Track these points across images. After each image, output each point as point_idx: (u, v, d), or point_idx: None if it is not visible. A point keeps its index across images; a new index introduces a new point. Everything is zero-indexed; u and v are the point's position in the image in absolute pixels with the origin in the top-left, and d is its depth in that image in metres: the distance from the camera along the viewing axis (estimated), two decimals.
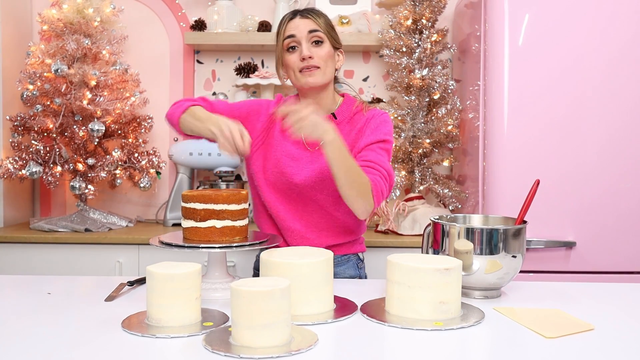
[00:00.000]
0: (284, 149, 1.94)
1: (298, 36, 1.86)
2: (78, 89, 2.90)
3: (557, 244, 2.61)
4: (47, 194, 3.35)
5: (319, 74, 1.87)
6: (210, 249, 1.59)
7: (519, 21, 2.60)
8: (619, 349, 1.26)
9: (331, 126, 1.69)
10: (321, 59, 1.87)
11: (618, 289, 1.76)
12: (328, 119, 1.89)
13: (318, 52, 1.87)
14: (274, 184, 1.93)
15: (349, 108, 1.97)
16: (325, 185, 1.89)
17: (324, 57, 1.87)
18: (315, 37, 1.87)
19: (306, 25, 1.87)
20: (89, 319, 1.41)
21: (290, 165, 1.91)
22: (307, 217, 1.94)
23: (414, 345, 1.26)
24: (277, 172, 1.92)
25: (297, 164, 1.91)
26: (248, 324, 1.19)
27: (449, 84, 2.99)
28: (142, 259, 2.77)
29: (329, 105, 1.96)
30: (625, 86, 2.60)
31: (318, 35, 1.87)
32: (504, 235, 1.57)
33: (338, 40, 1.94)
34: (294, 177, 1.90)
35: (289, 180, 1.91)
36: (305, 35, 1.86)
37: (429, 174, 3.05)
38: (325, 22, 1.90)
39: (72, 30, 2.95)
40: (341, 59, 1.97)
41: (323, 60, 1.87)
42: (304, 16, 1.88)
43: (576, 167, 2.60)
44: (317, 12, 1.91)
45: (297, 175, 1.90)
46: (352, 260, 2.01)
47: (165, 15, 3.34)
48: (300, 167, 1.91)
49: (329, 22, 1.92)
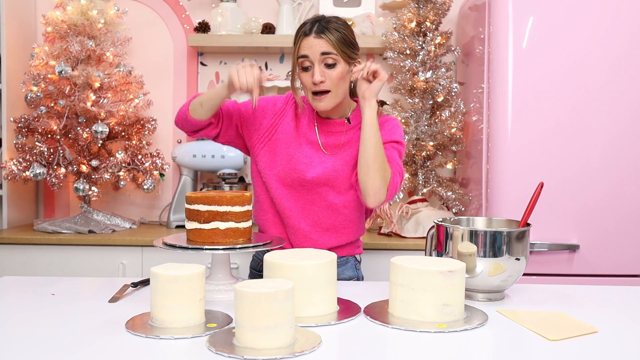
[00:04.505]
0: (298, 146, 1.95)
1: (311, 57, 1.86)
2: (82, 91, 2.91)
3: (560, 246, 2.60)
4: (51, 196, 3.35)
5: (330, 99, 1.88)
6: (214, 250, 1.59)
7: (523, 24, 2.60)
8: (622, 352, 1.26)
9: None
10: (333, 82, 1.86)
11: (621, 292, 1.76)
12: (342, 123, 1.96)
13: (330, 74, 1.86)
14: (284, 179, 1.95)
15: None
16: (336, 183, 1.92)
17: (336, 80, 1.87)
18: (327, 60, 1.86)
19: (320, 46, 1.85)
20: (93, 320, 1.42)
21: (303, 162, 1.93)
22: (313, 216, 1.95)
23: (417, 347, 1.26)
24: (289, 168, 1.93)
25: (311, 161, 1.93)
26: (252, 325, 1.19)
27: (452, 86, 2.99)
28: (146, 260, 2.77)
29: (343, 111, 1.98)
30: (628, 89, 2.60)
31: (331, 57, 1.85)
32: (507, 237, 1.57)
33: (353, 54, 1.90)
34: (306, 174, 1.92)
35: (300, 176, 1.93)
36: (318, 57, 1.85)
37: (432, 176, 3.04)
38: (339, 40, 1.85)
39: (76, 32, 2.95)
40: (358, 68, 1.92)
41: (334, 83, 1.87)
42: (318, 36, 1.85)
43: (580, 170, 2.60)
44: (331, 28, 1.86)
45: (309, 171, 1.92)
46: (351, 262, 2.04)
47: (169, 17, 3.35)
48: (313, 165, 1.93)
49: (345, 37, 1.88)
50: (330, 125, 1.97)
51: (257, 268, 2.07)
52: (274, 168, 1.96)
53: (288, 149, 1.95)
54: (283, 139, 1.96)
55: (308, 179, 1.92)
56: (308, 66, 1.88)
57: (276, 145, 1.97)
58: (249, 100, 2.00)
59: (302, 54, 1.87)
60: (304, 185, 1.94)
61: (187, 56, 3.35)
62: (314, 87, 1.87)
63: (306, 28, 1.88)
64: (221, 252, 1.61)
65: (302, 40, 1.88)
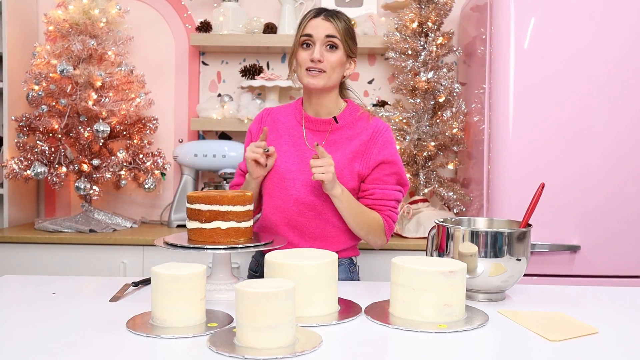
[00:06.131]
0: (280, 147, 1.96)
1: (315, 37, 1.88)
2: (83, 90, 2.91)
3: (561, 247, 2.60)
4: (52, 195, 3.36)
5: (323, 78, 1.89)
6: (215, 250, 1.59)
7: (525, 24, 2.60)
8: (623, 353, 1.26)
9: (338, 182, 1.84)
10: (330, 65, 1.89)
11: (622, 293, 1.76)
12: (329, 122, 1.95)
13: (329, 57, 1.89)
14: (270, 192, 1.95)
15: (351, 114, 1.99)
16: (322, 191, 1.89)
17: (334, 64, 1.89)
18: (330, 42, 1.88)
19: (325, 28, 1.88)
20: (94, 319, 1.42)
21: (291, 171, 1.92)
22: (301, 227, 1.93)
23: (418, 347, 1.26)
24: (277, 179, 1.93)
25: (293, 161, 1.93)
26: (252, 325, 1.19)
27: (454, 86, 2.99)
28: (147, 259, 2.77)
29: (330, 108, 1.98)
30: (630, 89, 2.60)
31: (334, 40, 1.88)
32: (508, 238, 1.57)
33: (353, 50, 1.95)
34: (295, 182, 1.91)
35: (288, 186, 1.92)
36: (322, 38, 1.88)
37: (433, 176, 3.04)
38: (344, 29, 1.91)
39: (77, 31, 2.95)
40: (352, 67, 1.98)
41: (332, 66, 1.89)
42: (326, 18, 1.89)
43: (581, 171, 2.60)
44: (340, 17, 1.92)
45: (297, 180, 1.91)
46: (345, 264, 2.00)
47: (171, 17, 3.35)
48: (299, 173, 1.92)
49: (350, 30, 1.93)
50: (317, 123, 1.97)
51: (254, 269, 2.07)
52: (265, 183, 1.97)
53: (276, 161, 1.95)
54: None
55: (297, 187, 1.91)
56: (309, 44, 1.89)
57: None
58: (246, 142, 2.08)
59: (306, 32, 1.90)
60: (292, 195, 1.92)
61: (189, 56, 3.35)
62: (311, 63, 1.88)
63: (314, 12, 1.92)
64: (222, 251, 1.61)
65: (308, 21, 1.91)
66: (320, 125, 1.96)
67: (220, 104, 3.18)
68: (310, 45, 1.89)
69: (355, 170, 1.91)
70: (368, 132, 1.94)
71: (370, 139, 1.93)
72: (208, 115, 3.16)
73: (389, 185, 1.94)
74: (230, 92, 3.35)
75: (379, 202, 1.93)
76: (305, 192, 1.91)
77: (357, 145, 1.92)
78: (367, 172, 1.93)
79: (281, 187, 1.92)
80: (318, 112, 1.98)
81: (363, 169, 1.92)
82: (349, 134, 1.94)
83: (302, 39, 1.90)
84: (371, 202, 1.93)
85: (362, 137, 1.93)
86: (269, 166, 1.93)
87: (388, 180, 1.94)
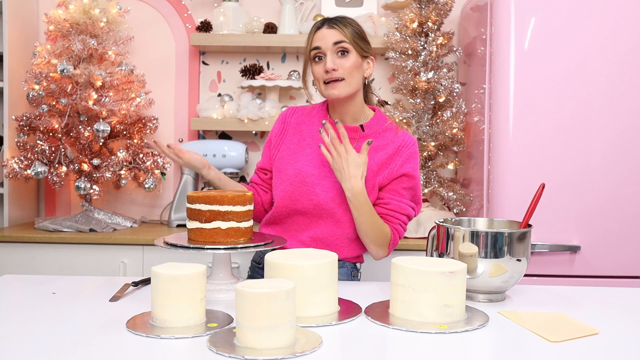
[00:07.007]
0: (301, 150, 1.96)
1: (323, 48, 1.87)
2: (84, 90, 2.91)
3: (561, 248, 2.60)
4: (52, 194, 3.36)
5: (343, 86, 1.87)
6: (215, 250, 1.59)
7: (525, 25, 2.60)
8: (623, 353, 1.25)
9: (360, 183, 1.82)
10: (346, 71, 1.86)
11: (622, 293, 1.75)
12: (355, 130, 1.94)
13: (343, 63, 1.86)
14: (290, 195, 1.93)
15: (379, 123, 1.96)
16: (343, 199, 1.89)
17: (349, 69, 1.86)
18: (340, 48, 1.86)
19: (332, 36, 1.86)
20: (94, 319, 1.42)
21: (313, 175, 1.92)
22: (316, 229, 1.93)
23: (418, 348, 1.26)
24: (298, 182, 1.92)
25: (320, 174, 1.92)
26: (252, 325, 1.19)
27: (454, 87, 2.99)
28: (147, 259, 2.77)
29: (356, 115, 1.96)
30: (630, 90, 2.60)
31: (343, 45, 1.86)
32: (508, 238, 1.57)
33: (366, 49, 1.92)
34: (315, 187, 1.90)
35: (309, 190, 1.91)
36: (331, 47, 1.86)
37: (433, 177, 3.04)
38: (352, 32, 1.88)
39: (78, 31, 2.95)
40: (371, 66, 1.95)
41: (348, 71, 1.86)
42: (331, 26, 1.87)
43: (581, 171, 2.60)
44: (345, 22, 1.89)
45: (318, 185, 1.90)
46: (347, 267, 1.99)
47: (171, 17, 3.35)
48: (321, 178, 1.91)
49: (358, 31, 1.90)
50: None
51: (257, 260, 2.06)
52: (279, 186, 1.96)
53: (294, 163, 1.94)
54: (286, 156, 1.96)
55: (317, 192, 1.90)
56: (320, 56, 1.88)
57: (280, 163, 1.97)
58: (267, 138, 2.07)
59: (314, 45, 1.88)
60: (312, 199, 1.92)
61: (189, 55, 3.35)
62: (326, 75, 1.86)
63: (318, 23, 1.91)
64: (222, 251, 1.60)
65: (314, 34, 1.90)
66: (346, 131, 1.91)
67: (220, 103, 3.18)
68: (322, 58, 1.88)
69: (377, 183, 1.90)
70: (395, 144, 1.92)
71: (396, 152, 1.91)
72: (208, 115, 3.16)
73: (404, 200, 1.92)
74: (231, 91, 3.35)
75: (392, 213, 1.91)
76: (326, 198, 1.90)
77: (383, 158, 1.91)
78: (387, 183, 1.91)
79: (302, 191, 1.91)
80: (343, 118, 1.95)
81: (384, 179, 1.90)
82: (375, 144, 1.92)
83: (313, 52, 1.89)
84: (384, 211, 1.91)
85: (388, 149, 1.91)
86: (186, 156, 1.93)
87: (404, 194, 1.92)
